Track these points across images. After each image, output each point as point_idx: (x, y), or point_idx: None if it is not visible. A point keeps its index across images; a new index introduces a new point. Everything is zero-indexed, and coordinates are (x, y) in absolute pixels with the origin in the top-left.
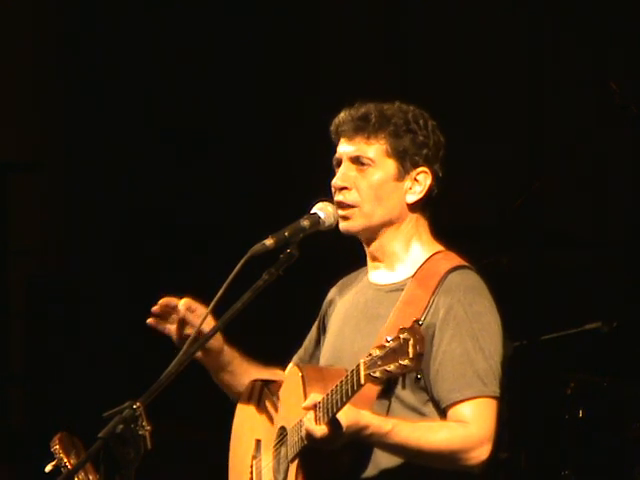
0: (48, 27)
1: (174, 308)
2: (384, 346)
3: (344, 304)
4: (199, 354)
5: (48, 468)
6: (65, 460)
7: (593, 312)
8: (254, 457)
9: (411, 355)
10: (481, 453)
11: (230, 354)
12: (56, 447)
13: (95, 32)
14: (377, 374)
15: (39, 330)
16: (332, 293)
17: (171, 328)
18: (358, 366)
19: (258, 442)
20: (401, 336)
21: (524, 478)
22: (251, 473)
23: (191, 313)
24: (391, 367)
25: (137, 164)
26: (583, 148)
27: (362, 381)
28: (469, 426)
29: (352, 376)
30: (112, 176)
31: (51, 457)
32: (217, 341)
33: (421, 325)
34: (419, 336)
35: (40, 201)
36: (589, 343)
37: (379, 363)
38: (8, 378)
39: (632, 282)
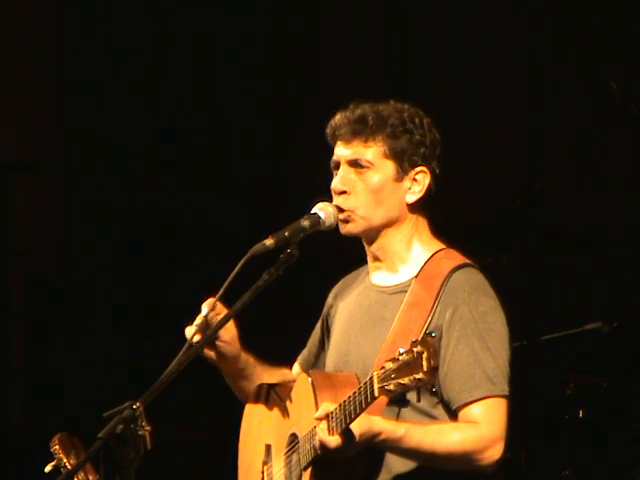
0: (48, 27)
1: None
2: (397, 359)
3: (347, 306)
4: (215, 358)
5: (48, 468)
6: (65, 460)
7: (593, 312)
8: (265, 462)
9: (425, 369)
10: (494, 453)
11: (245, 359)
12: (56, 447)
13: (95, 32)
14: (391, 387)
15: (39, 330)
16: (333, 294)
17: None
18: (372, 379)
19: (268, 447)
20: (414, 349)
21: (524, 478)
22: (262, 479)
23: (214, 313)
24: (405, 380)
25: (137, 164)
26: (583, 148)
27: (376, 394)
28: (480, 426)
29: (365, 388)
30: (112, 176)
31: (51, 457)
32: (234, 347)
33: (434, 337)
34: (433, 349)
35: (40, 201)
36: (589, 343)
37: (393, 376)
38: (8, 378)
39: (632, 282)
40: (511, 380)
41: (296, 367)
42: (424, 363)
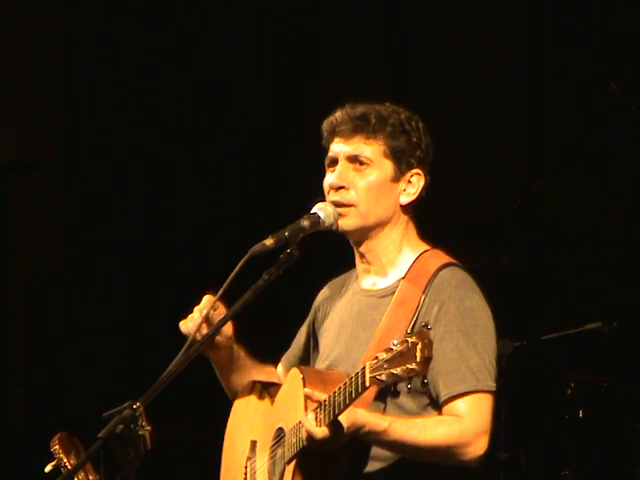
0: (49, 27)
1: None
2: (391, 349)
3: (337, 312)
4: (208, 350)
5: (48, 468)
6: (65, 460)
7: (593, 312)
8: (249, 458)
9: (418, 359)
10: (477, 448)
11: (237, 353)
12: (56, 447)
13: (96, 32)
14: (383, 377)
15: (39, 330)
16: (321, 297)
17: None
18: (363, 369)
19: (254, 443)
20: (409, 340)
21: (524, 478)
22: (245, 474)
23: (214, 311)
24: (398, 370)
25: (137, 164)
26: (583, 147)
27: (367, 383)
28: (464, 421)
29: (357, 378)
30: (112, 176)
31: (51, 457)
32: (227, 339)
33: (429, 329)
34: (427, 340)
35: (40, 201)
36: (589, 343)
37: (385, 366)
38: (8, 378)
39: (632, 282)
40: (511, 380)
41: (280, 368)
42: (418, 354)
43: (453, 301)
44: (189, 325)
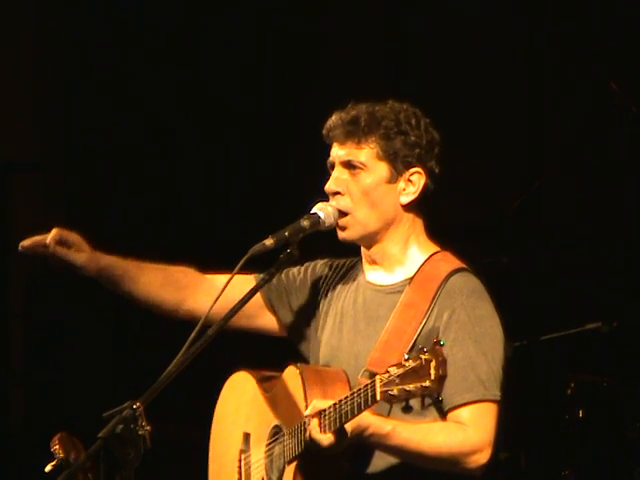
0: (48, 27)
1: (44, 246)
2: (403, 365)
3: (340, 298)
4: (66, 266)
5: (48, 468)
6: (65, 460)
7: (593, 312)
8: (242, 451)
9: (433, 377)
10: (480, 457)
11: (109, 263)
12: (56, 447)
13: (95, 32)
14: (394, 392)
15: (39, 330)
16: (323, 269)
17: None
18: (374, 382)
19: (247, 435)
20: (422, 357)
21: (524, 478)
22: (239, 467)
23: (62, 246)
24: (411, 387)
25: (137, 164)
26: (583, 148)
27: (378, 397)
28: (468, 429)
29: (366, 390)
30: (112, 176)
31: (51, 457)
32: (83, 255)
33: (442, 345)
34: (442, 358)
35: (40, 201)
36: (589, 343)
37: (397, 382)
38: (8, 378)
39: (632, 282)
40: (510, 380)
41: (249, 280)
42: (432, 371)
43: (464, 309)
44: (25, 243)
